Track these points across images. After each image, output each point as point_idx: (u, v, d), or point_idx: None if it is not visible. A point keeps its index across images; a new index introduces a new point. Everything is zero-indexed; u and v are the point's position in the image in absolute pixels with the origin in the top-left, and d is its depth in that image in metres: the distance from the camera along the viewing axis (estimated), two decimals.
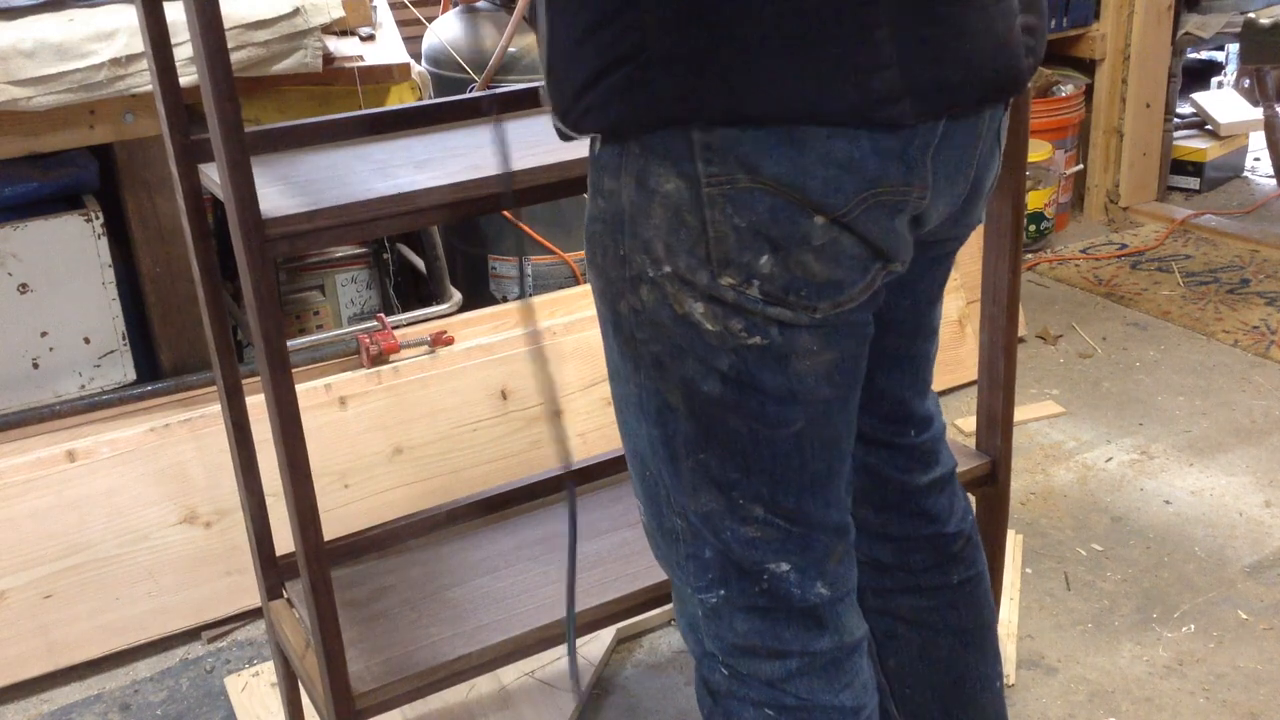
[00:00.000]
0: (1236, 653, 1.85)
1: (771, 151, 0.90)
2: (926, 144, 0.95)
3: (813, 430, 1.03)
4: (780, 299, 0.95)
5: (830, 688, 1.12)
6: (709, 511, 1.06)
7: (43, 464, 1.90)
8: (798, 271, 0.94)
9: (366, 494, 2.09)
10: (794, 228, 0.92)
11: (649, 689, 1.85)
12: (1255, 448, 2.39)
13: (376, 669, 1.41)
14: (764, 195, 0.91)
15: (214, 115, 1.10)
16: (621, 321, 1.02)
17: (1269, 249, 3.27)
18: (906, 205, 0.96)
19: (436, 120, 1.51)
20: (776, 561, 1.07)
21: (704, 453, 1.03)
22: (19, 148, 1.97)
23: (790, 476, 1.04)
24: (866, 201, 0.93)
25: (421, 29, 2.70)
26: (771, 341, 0.97)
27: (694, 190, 0.92)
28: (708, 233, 0.93)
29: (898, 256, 0.99)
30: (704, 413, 1.01)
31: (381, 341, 2.12)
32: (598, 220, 1.01)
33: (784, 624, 1.10)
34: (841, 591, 1.12)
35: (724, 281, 0.94)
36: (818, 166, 0.90)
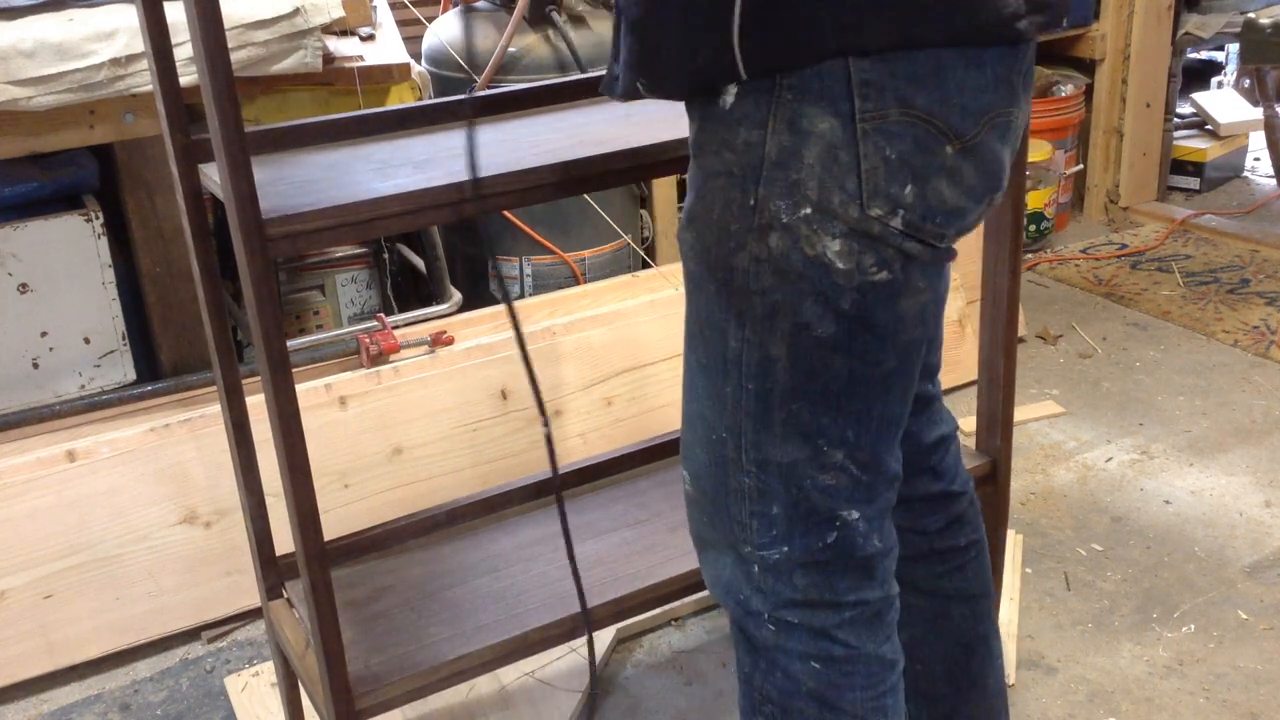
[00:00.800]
0: (1236, 653, 1.85)
1: (924, 84, 0.97)
2: (1023, 67, 1.04)
3: (899, 371, 1.09)
4: (918, 228, 1.01)
5: (874, 637, 1.16)
6: (794, 461, 1.10)
7: (43, 464, 1.90)
8: (933, 200, 1.01)
9: (366, 494, 2.09)
10: (933, 156, 0.99)
11: (649, 689, 1.85)
12: (1255, 448, 2.39)
13: (376, 669, 1.41)
14: (910, 127, 0.98)
15: (214, 115, 1.10)
16: (735, 275, 1.05)
17: (1269, 249, 3.27)
18: (1009, 127, 1.05)
19: (437, 120, 1.51)
20: (849, 509, 1.12)
21: (797, 402, 1.07)
22: (19, 148, 1.97)
23: (874, 418, 1.10)
24: (985, 125, 1.01)
25: (421, 29, 2.70)
26: (894, 277, 1.03)
27: (848, 127, 0.97)
28: (860, 166, 0.98)
29: (1001, 185, 1.07)
30: (809, 357, 1.06)
31: (381, 341, 2.12)
32: (721, 175, 1.04)
33: (840, 575, 1.14)
34: (890, 544, 1.17)
35: (873, 213, 1.00)
36: (956, 95, 0.98)
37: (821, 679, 1.15)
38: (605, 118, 1.49)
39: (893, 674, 1.18)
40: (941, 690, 1.43)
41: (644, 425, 2.28)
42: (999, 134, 1.04)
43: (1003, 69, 1.02)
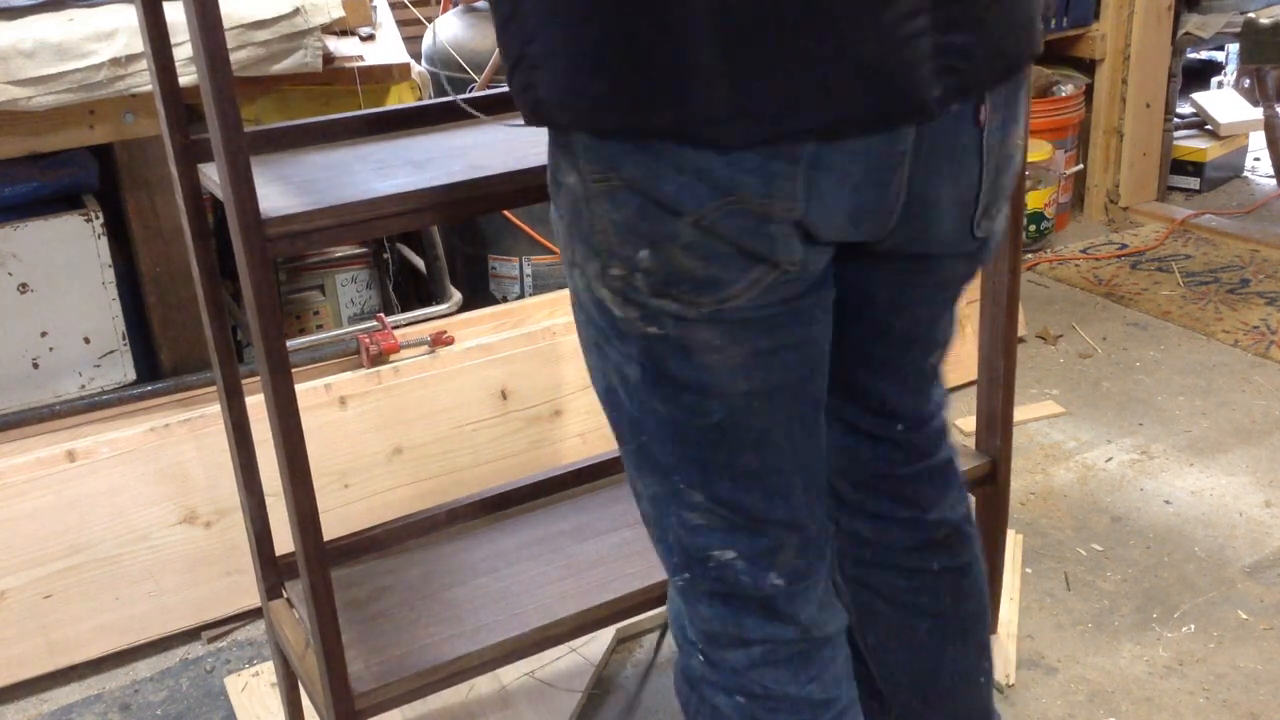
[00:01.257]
0: (1236, 653, 1.85)
1: (628, 156, 0.92)
2: (794, 160, 0.91)
3: (735, 423, 1.02)
4: (663, 291, 0.96)
5: (795, 679, 1.12)
6: (655, 495, 1.08)
7: (43, 464, 1.90)
8: (674, 266, 0.94)
9: (366, 494, 2.09)
10: (661, 226, 0.93)
11: (649, 689, 1.85)
12: (1255, 448, 2.39)
13: (376, 669, 1.41)
14: (632, 194, 0.93)
15: (214, 115, 1.10)
16: (571, 307, 1.08)
17: (1269, 249, 3.27)
18: (772, 215, 0.93)
19: (436, 120, 1.51)
20: (722, 549, 1.07)
21: (643, 435, 1.05)
22: (19, 148, 1.97)
23: (719, 468, 1.04)
24: (725, 208, 0.92)
25: (421, 29, 2.70)
26: (669, 332, 0.98)
27: (584, 185, 0.96)
28: (595, 225, 0.96)
29: (782, 260, 0.96)
30: (634, 397, 1.03)
31: (381, 341, 2.12)
32: None
33: (744, 612, 1.10)
34: (800, 585, 1.11)
35: (613, 272, 0.97)
36: (670, 172, 0.91)
37: (745, 713, 1.12)
38: None
39: (827, 711, 1.13)
40: (905, 699, 1.38)
41: None
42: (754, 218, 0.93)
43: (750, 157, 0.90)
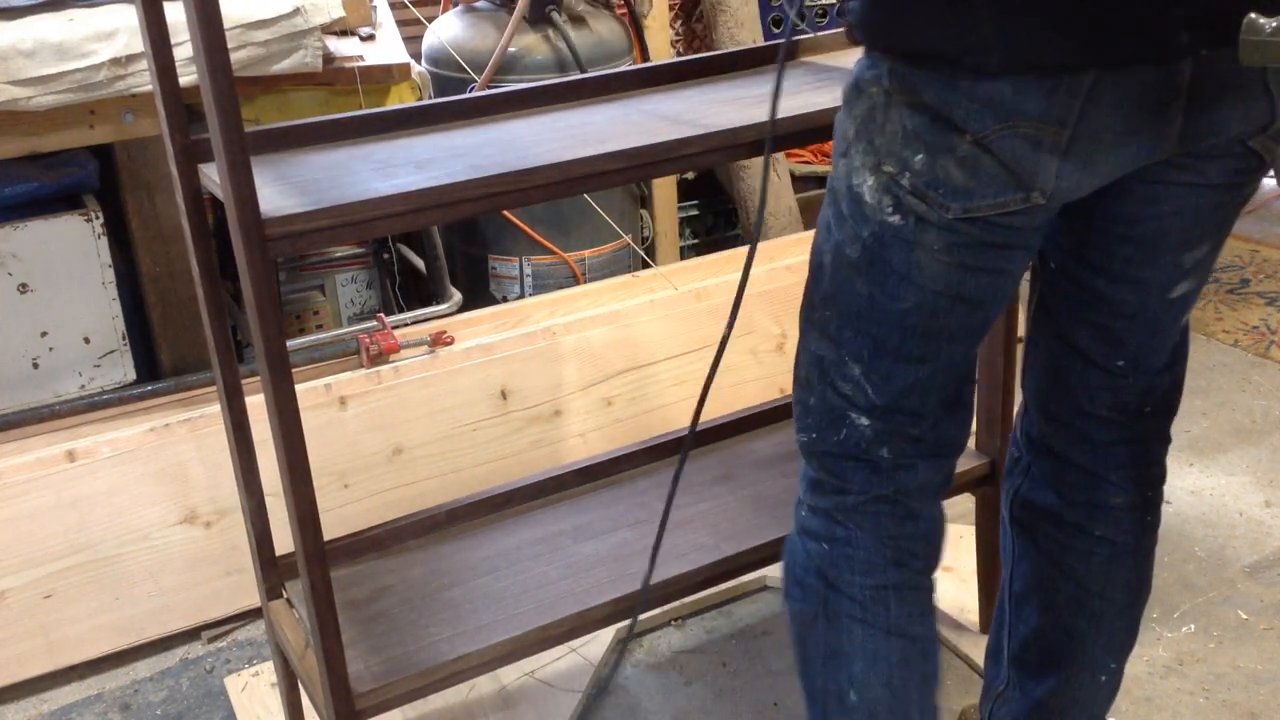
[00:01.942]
0: (1236, 653, 1.85)
1: (930, 84, 1.09)
2: (1074, 92, 1.05)
3: (918, 314, 1.17)
4: (921, 192, 1.11)
5: (875, 529, 1.25)
6: (822, 357, 1.24)
7: (43, 464, 1.90)
8: (940, 173, 1.10)
9: (366, 494, 2.09)
10: (943, 139, 1.09)
11: (649, 689, 1.85)
12: (1255, 448, 2.39)
13: (376, 669, 1.41)
14: (925, 110, 1.10)
15: (214, 115, 1.10)
16: (827, 187, 1.22)
17: (1269, 249, 3.27)
18: (1042, 140, 1.07)
19: (436, 120, 1.51)
20: (859, 415, 1.23)
21: (830, 309, 1.22)
22: (19, 148, 1.97)
23: (889, 348, 1.19)
24: (1003, 131, 1.07)
25: (421, 29, 2.70)
26: (906, 224, 1.14)
27: (886, 96, 1.12)
28: (885, 129, 1.13)
29: (1037, 186, 1.09)
30: (841, 273, 1.19)
31: (381, 341, 2.12)
32: (841, 105, 1.21)
33: (851, 468, 1.25)
34: (903, 460, 1.24)
35: (885, 168, 1.13)
36: (963, 99, 1.07)
37: (824, 558, 1.26)
38: (605, 118, 1.49)
39: (897, 573, 1.25)
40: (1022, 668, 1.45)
41: (644, 425, 2.28)
42: (1027, 143, 1.07)
43: (1034, 88, 1.05)
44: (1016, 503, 1.43)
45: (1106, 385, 1.33)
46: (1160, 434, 1.40)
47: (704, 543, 1.64)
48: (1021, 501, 1.43)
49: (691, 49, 3.04)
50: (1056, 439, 1.38)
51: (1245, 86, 1.12)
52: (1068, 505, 1.38)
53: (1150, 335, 1.31)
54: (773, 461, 1.81)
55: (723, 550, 1.62)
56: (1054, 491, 1.39)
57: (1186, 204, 1.21)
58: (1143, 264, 1.25)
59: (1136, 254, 1.25)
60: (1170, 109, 1.10)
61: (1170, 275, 1.26)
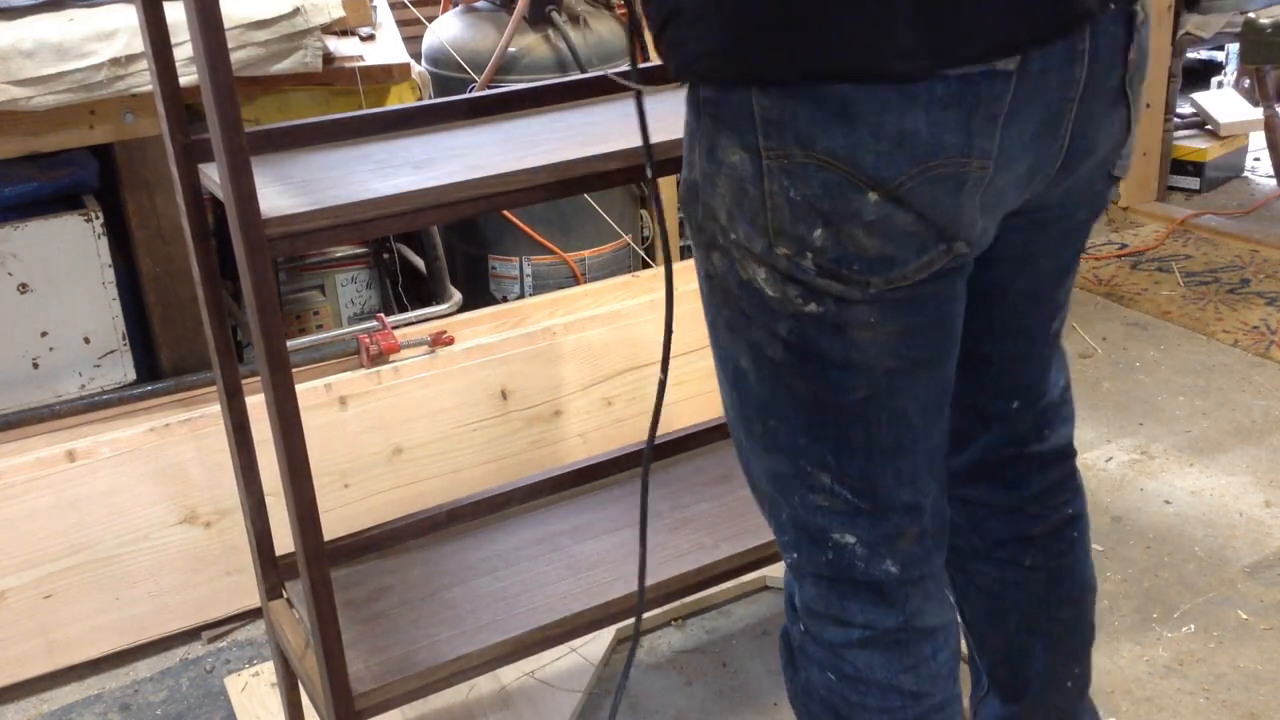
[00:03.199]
0: (1236, 653, 1.85)
1: (825, 125, 0.91)
2: (993, 113, 0.93)
3: (878, 400, 1.03)
4: (833, 271, 0.96)
5: (888, 666, 1.12)
6: (778, 474, 1.09)
7: (43, 464, 1.90)
8: (849, 246, 0.95)
9: (366, 494, 2.09)
10: (845, 203, 0.93)
11: (649, 689, 1.85)
12: (1255, 448, 2.39)
13: (376, 669, 1.41)
14: (817, 170, 0.93)
15: (214, 115, 1.10)
16: (703, 286, 1.08)
17: (1269, 249, 3.27)
18: (967, 178, 0.94)
19: (436, 120, 1.51)
20: (841, 533, 1.08)
21: (773, 418, 1.06)
22: (19, 148, 1.97)
23: (855, 446, 1.05)
24: (921, 175, 0.93)
25: (421, 29, 2.70)
26: (827, 310, 0.99)
27: (755, 162, 0.95)
28: (766, 204, 0.96)
29: (960, 235, 0.98)
30: (771, 377, 1.04)
31: (381, 341, 2.12)
32: (682, 186, 1.06)
33: (849, 595, 1.11)
34: (915, 574, 1.12)
35: (779, 251, 0.97)
36: (870, 140, 0.91)
37: (835, 692, 1.14)
38: (605, 118, 1.49)
39: (917, 704, 1.13)
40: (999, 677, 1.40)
41: (644, 425, 2.27)
42: (949, 185, 0.93)
43: (952, 113, 0.91)
44: None
45: (1006, 430, 1.26)
46: (1066, 449, 1.31)
47: (704, 543, 1.64)
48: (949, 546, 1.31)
49: None
50: (964, 488, 1.30)
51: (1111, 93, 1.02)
52: (993, 545, 1.32)
53: (1040, 371, 1.26)
54: None
55: (722, 550, 1.62)
56: (975, 535, 1.32)
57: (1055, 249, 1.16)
58: (1023, 316, 1.20)
59: (1016, 310, 1.18)
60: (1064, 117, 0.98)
61: (1047, 316, 1.23)
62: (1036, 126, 0.97)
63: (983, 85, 0.91)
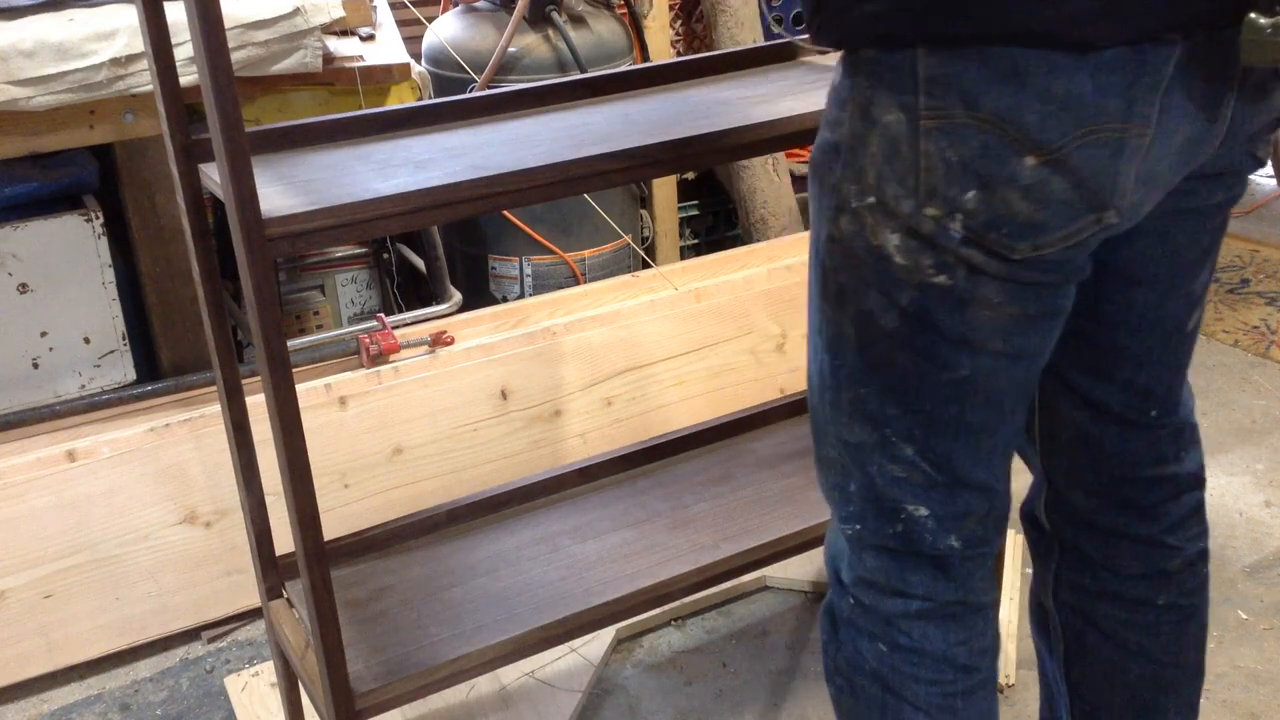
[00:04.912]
0: (1236, 653, 1.85)
1: (992, 87, 0.91)
2: (1156, 81, 0.92)
3: (978, 380, 1.03)
4: (978, 236, 0.96)
5: (945, 637, 1.13)
6: (860, 443, 1.08)
7: (43, 464, 1.90)
8: (1001, 209, 0.94)
9: (366, 494, 2.09)
10: (1003, 165, 0.93)
11: (649, 689, 1.85)
12: (1255, 448, 2.39)
13: (376, 669, 1.41)
14: (978, 131, 0.92)
15: (214, 115, 1.10)
16: (820, 249, 1.06)
17: (1269, 249, 3.27)
18: (1125, 144, 0.93)
19: (436, 120, 1.51)
20: (915, 504, 1.09)
21: (865, 386, 1.06)
22: (19, 148, 1.97)
23: (946, 422, 1.05)
24: (1084, 139, 0.92)
25: (421, 29, 2.70)
26: (956, 284, 0.98)
27: (912, 122, 0.94)
28: (919, 163, 0.95)
29: (1113, 203, 0.96)
30: (875, 346, 1.04)
31: (381, 341, 2.12)
32: (820, 150, 1.04)
33: (911, 567, 1.12)
34: (976, 550, 1.12)
35: (928, 212, 0.96)
36: (1035, 102, 0.90)
37: (885, 663, 1.14)
38: (605, 118, 1.49)
39: (967, 678, 1.14)
40: None
41: (644, 425, 2.28)
42: (1109, 150, 0.93)
43: (1115, 78, 0.90)
44: (1062, 587, 1.29)
45: (1146, 441, 1.21)
46: (1199, 474, 1.25)
47: (704, 543, 1.64)
48: (1069, 585, 1.29)
49: (691, 49, 3.04)
50: (1102, 514, 1.24)
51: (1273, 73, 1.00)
52: (1125, 580, 1.25)
53: (1176, 375, 1.20)
54: (773, 461, 1.81)
55: (723, 550, 1.62)
56: (1107, 570, 1.26)
57: (1194, 232, 1.13)
58: (1160, 305, 1.15)
59: (1153, 296, 1.14)
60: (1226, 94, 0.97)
61: (1185, 307, 1.17)
62: (1200, 99, 0.96)
63: (1149, 53, 0.91)
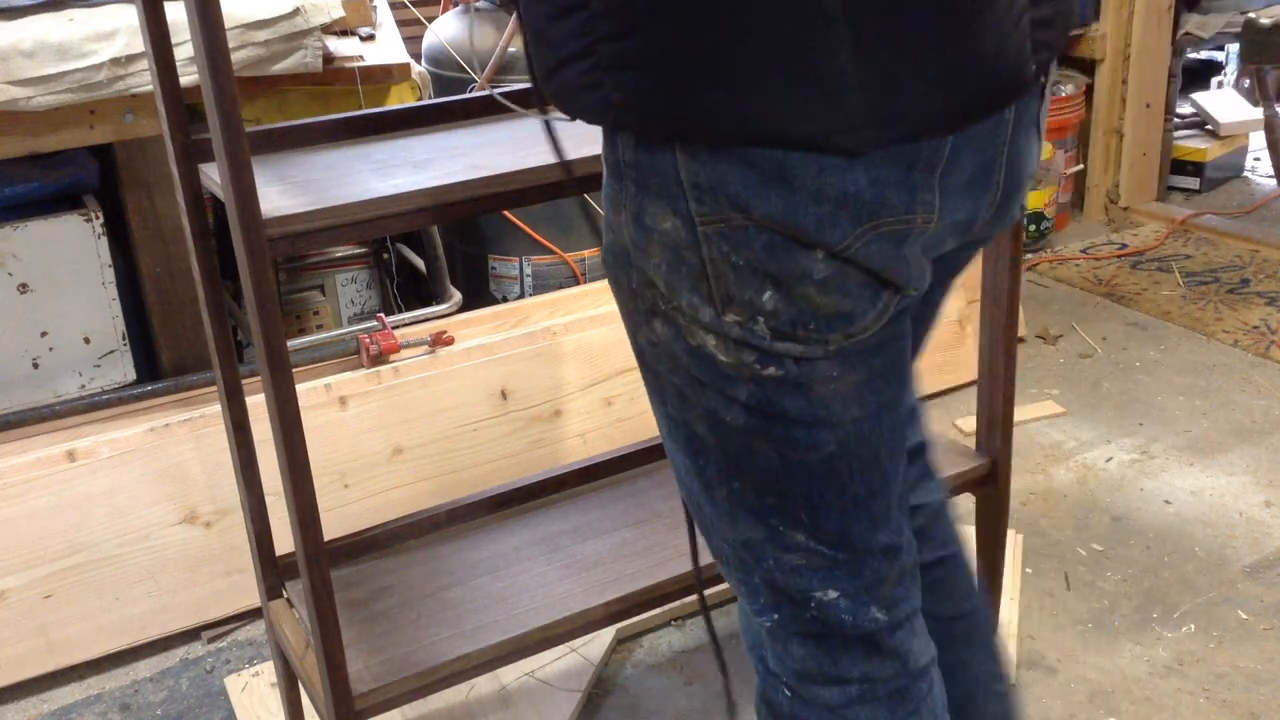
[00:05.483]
0: (1236, 653, 1.85)
1: (761, 191, 0.86)
2: (932, 166, 0.89)
3: (847, 451, 0.98)
4: (789, 334, 0.91)
5: (893, 715, 1.08)
6: (748, 540, 1.03)
7: (43, 464, 1.90)
8: (804, 305, 0.90)
9: (366, 494, 2.09)
10: (793, 263, 0.88)
11: (649, 689, 1.85)
12: (1255, 448, 2.39)
13: (376, 669, 1.41)
14: (759, 232, 0.88)
15: (214, 115, 1.10)
16: (644, 353, 1.00)
17: (1269, 249, 3.27)
18: (910, 233, 0.91)
19: (436, 120, 1.51)
20: (824, 589, 1.03)
21: (737, 481, 1.00)
22: (19, 148, 1.97)
23: (830, 500, 1.00)
24: (867, 235, 0.89)
25: (421, 29, 2.70)
26: (787, 371, 0.94)
27: (690, 228, 0.89)
28: (707, 270, 0.90)
29: (910, 284, 0.94)
30: (731, 442, 0.98)
31: (381, 341, 2.12)
32: (608, 252, 0.99)
33: (840, 649, 1.06)
34: (901, 615, 1.07)
35: (729, 319, 0.91)
36: (810, 204, 0.86)
37: None
38: None
39: None
40: None
41: (644, 425, 2.28)
42: (890, 242, 0.90)
43: (890, 171, 0.87)
44: None
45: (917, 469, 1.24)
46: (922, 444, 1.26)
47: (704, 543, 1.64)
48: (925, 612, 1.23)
49: None
50: None
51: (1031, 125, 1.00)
52: None
53: None
54: None
55: None
56: None
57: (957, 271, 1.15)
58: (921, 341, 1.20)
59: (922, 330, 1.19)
60: (996, 167, 0.95)
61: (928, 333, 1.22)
62: (973, 174, 0.94)
63: (924, 145, 0.89)
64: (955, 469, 1.73)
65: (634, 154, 0.91)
